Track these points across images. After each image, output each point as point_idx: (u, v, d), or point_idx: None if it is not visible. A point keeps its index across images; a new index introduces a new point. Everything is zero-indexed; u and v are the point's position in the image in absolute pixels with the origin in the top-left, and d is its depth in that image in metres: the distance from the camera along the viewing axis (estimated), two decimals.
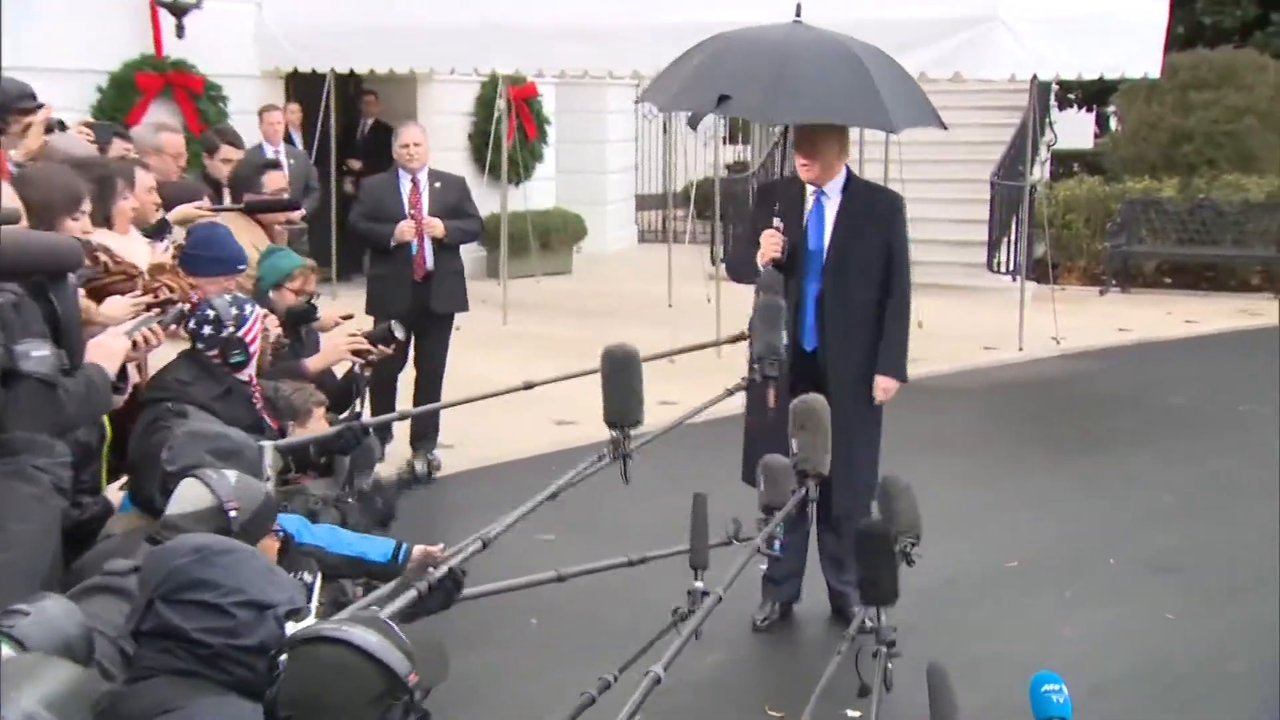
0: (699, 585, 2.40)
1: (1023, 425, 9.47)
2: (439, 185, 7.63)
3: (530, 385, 3.84)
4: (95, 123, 6.84)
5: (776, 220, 5.19)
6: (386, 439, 7.37)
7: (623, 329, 2.85)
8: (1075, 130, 19.61)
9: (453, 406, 6.16)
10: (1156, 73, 11.39)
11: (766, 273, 4.99)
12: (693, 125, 14.79)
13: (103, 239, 4.43)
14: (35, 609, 2.44)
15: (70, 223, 4.09)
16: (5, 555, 3.26)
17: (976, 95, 14.38)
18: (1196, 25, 17.94)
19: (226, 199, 6.76)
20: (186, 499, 3.07)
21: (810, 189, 5.30)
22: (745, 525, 3.02)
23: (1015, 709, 2.19)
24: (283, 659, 2.15)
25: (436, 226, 7.46)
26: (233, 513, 3.02)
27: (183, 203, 5.69)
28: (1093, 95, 19.27)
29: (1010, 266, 14.09)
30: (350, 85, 13.38)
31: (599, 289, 14.16)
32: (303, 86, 12.58)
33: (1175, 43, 14.42)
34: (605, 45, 10.64)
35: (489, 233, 11.21)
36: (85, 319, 3.87)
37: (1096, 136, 21.64)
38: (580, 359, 2.99)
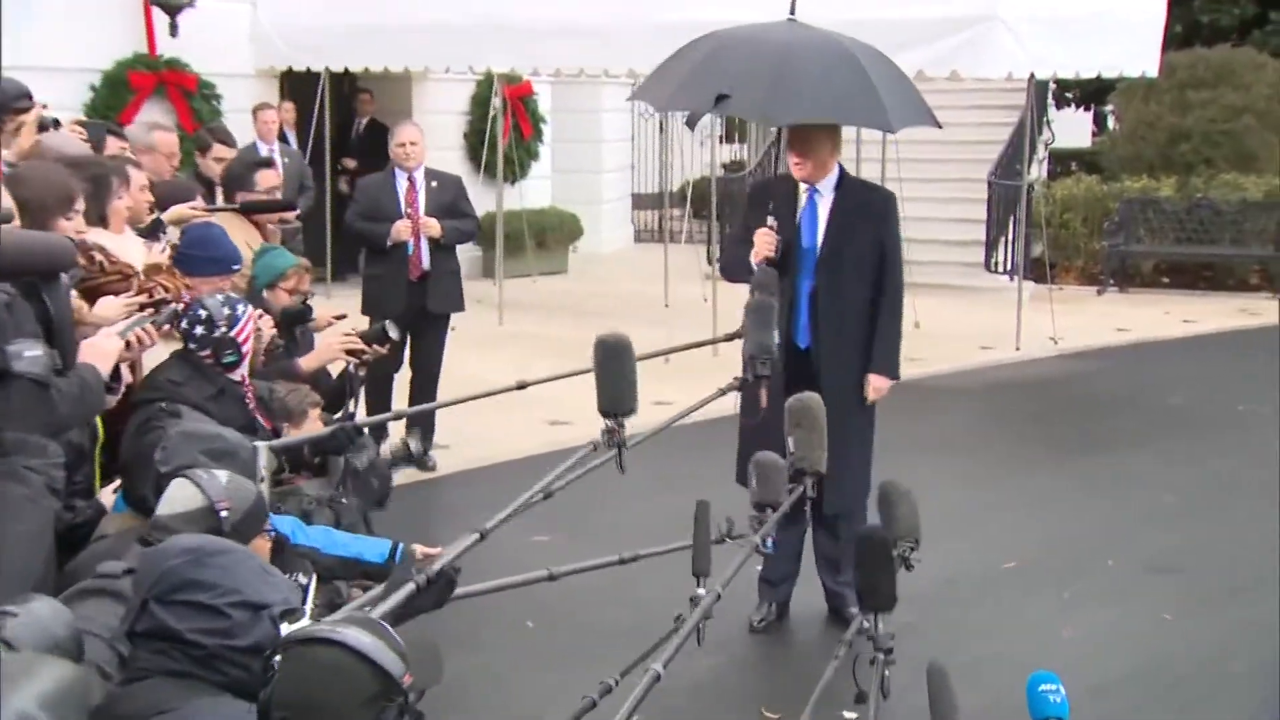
0: (701, 592, 2.37)
1: (1021, 425, 9.45)
2: (435, 184, 7.61)
3: (524, 385, 3.81)
4: (88, 121, 6.83)
5: (770, 219, 5.18)
6: (382, 439, 7.33)
7: (619, 329, 2.81)
8: (1073, 129, 19.59)
9: (447, 406, 6.14)
10: (1154, 72, 11.39)
11: (761, 271, 4.98)
12: (690, 125, 14.77)
13: (98, 238, 4.41)
14: (23, 610, 2.43)
15: (63, 222, 4.07)
16: None
17: (974, 94, 14.35)
18: (1194, 24, 17.94)
19: (219, 198, 6.74)
20: (177, 500, 3.05)
21: (803, 187, 5.29)
22: (738, 524, 3.00)
23: (1015, 709, 2.17)
24: (277, 660, 2.14)
25: (433, 226, 7.44)
26: (224, 513, 3.01)
27: (176, 202, 5.68)
28: (1090, 94, 19.28)
29: (1008, 266, 14.09)
30: (345, 84, 13.37)
31: (595, 289, 14.13)
32: (297, 85, 12.56)
33: (1173, 41, 14.41)
34: (601, 44, 10.62)
35: (484, 232, 11.20)
36: (78, 319, 3.85)
37: (1094, 136, 21.61)
38: (576, 359, 2.97)
